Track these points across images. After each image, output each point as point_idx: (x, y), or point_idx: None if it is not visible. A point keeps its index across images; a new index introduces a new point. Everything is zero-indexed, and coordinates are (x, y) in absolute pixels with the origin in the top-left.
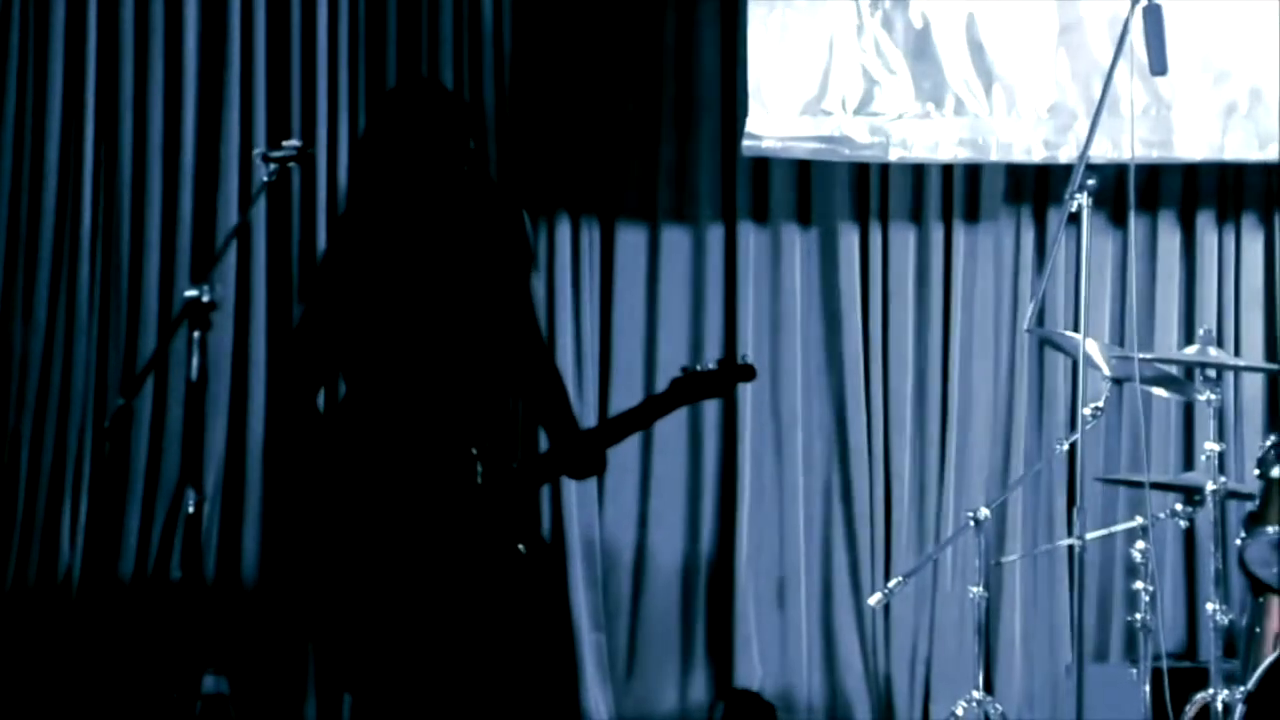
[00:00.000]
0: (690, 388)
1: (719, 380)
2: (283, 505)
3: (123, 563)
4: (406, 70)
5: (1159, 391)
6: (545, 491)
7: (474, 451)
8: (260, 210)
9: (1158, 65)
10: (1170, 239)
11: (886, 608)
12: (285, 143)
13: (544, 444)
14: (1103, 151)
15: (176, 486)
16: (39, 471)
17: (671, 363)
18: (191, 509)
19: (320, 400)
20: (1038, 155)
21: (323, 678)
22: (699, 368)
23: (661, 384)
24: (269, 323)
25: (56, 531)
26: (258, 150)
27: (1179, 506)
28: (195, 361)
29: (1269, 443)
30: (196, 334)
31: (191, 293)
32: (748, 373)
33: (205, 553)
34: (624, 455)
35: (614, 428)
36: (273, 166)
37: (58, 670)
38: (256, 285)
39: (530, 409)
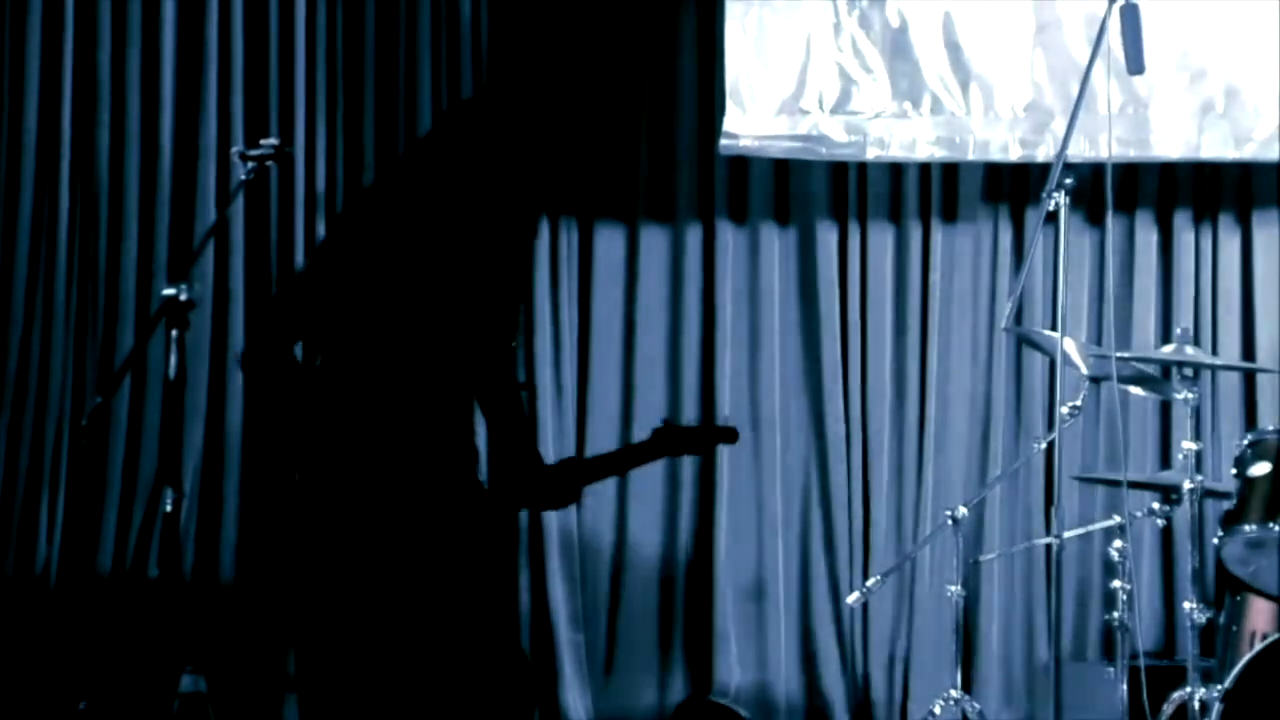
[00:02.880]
0: (669, 441)
1: (699, 438)
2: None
3: (100, 561)
4: (384, 69)
5: (1136, 390)
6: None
7: (421, 447)
8: (238, 208)
9: (1134, 64)
10: (1147, 238)
11: (865, 606)
12: (263, 141)
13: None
14: (1080, 150)
15: (154, 484)
16: (16, 469)
17: (650, 362)
18: (169, 507)
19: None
20: (1015, 154)
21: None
22: (677, 423)
23: (639, 384)
24: (247, 321)
25: (34, 529)
26: (235, 149)
27: (1156, 505)
28: (173, 360)
29: (1245, 441)
30: (174, 332)
31: (169, 291)
32: (730, 435)
33: (183, 550)
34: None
35: (590, 468)
36: (250, 165)
37: (35, 667)
38: (234, 283)
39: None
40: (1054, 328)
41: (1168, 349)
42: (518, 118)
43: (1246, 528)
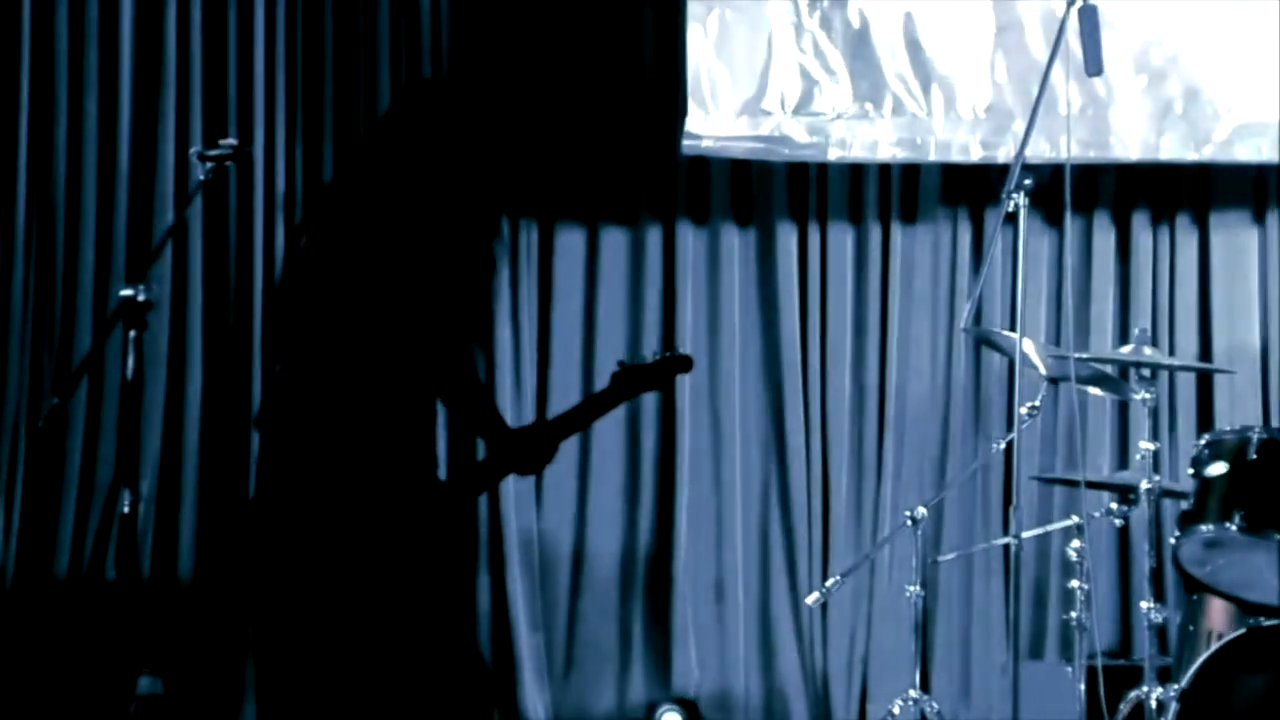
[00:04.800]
0: (629, 382)
1: (657, 373)
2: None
3: (57, 562)
4: (343, 69)
5: (1095, 391)
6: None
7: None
8: (197, 209)
9: (1093, 66)
10: (1106, 239)
11: (824, 607)
12: (222, 141)
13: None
14: (1039, 151)
15: (112, 486)
16: None
17: (610, 364)
18: (127, 508)
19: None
20: (975, 155)
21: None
22: (636, 361)
23: (599, 384)
24: (205, 322)
25: None
26: (194, 149)
27: (1114, 505)
28: (130, 361)
29: (1202, 442)
30: (132, 333)
31: (127, 292)
32: (685, 364)
33: (141, 552)
34: (562, 455)
35: (556, 426)
36: (209, 165)
37: None
38: (193, 285)
39: (455, 413)
40: (1013, 328)
41: (1126, 350)
42: (476, 107)
43: (1203, 528)
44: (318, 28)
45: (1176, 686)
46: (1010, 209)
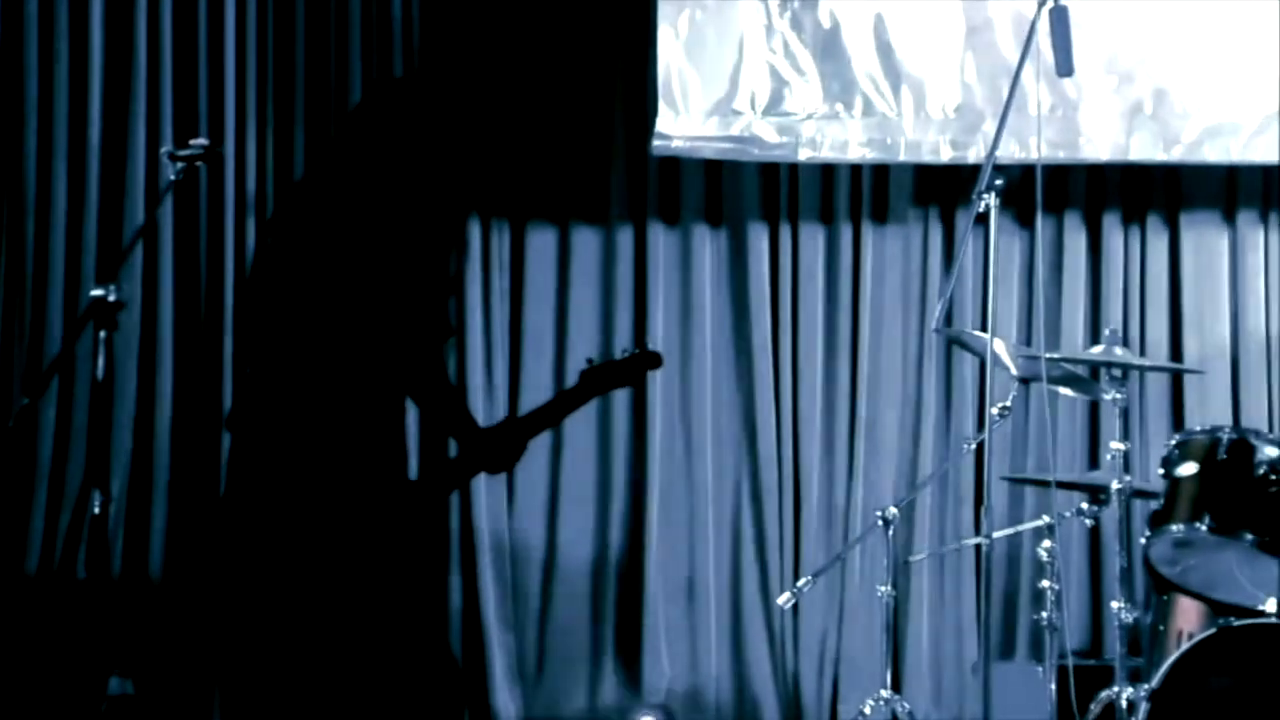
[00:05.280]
0: (599, 379)
1: (627, 369)
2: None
3: (28, 563)
4: (314, 69)
5: (1065, 391)
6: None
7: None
8: (167, 209)
9: (1064, 67)
10: (1076, 239)
11: (795, 607)
12: (193, 141)
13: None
14: (1009, 152)
15: (82, 486)
16: None
17: (581, 363)
18: (98, 509)
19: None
20: (945, 156)
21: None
22: (606, 359)
23: (571, 384)
24: (176, 322)
25: None
26: (165, 149)
27: (1084, 505)
28: (101, 361)
29: (1173, 442)
30: (103, 333)
31: (98, 292)
32: (654, 360)
33: (111, 553)
34: (534, 456)
35: (525, 423)
36: (180, 165)
37: None
38: (163, 284)
39: (425, 412)
40: (984, 329)
41: (1096, 350)
42: (447, 105)
43: (1174, 528)
44: (289, 27)
45: (1147, 686)
46: (981, 209)
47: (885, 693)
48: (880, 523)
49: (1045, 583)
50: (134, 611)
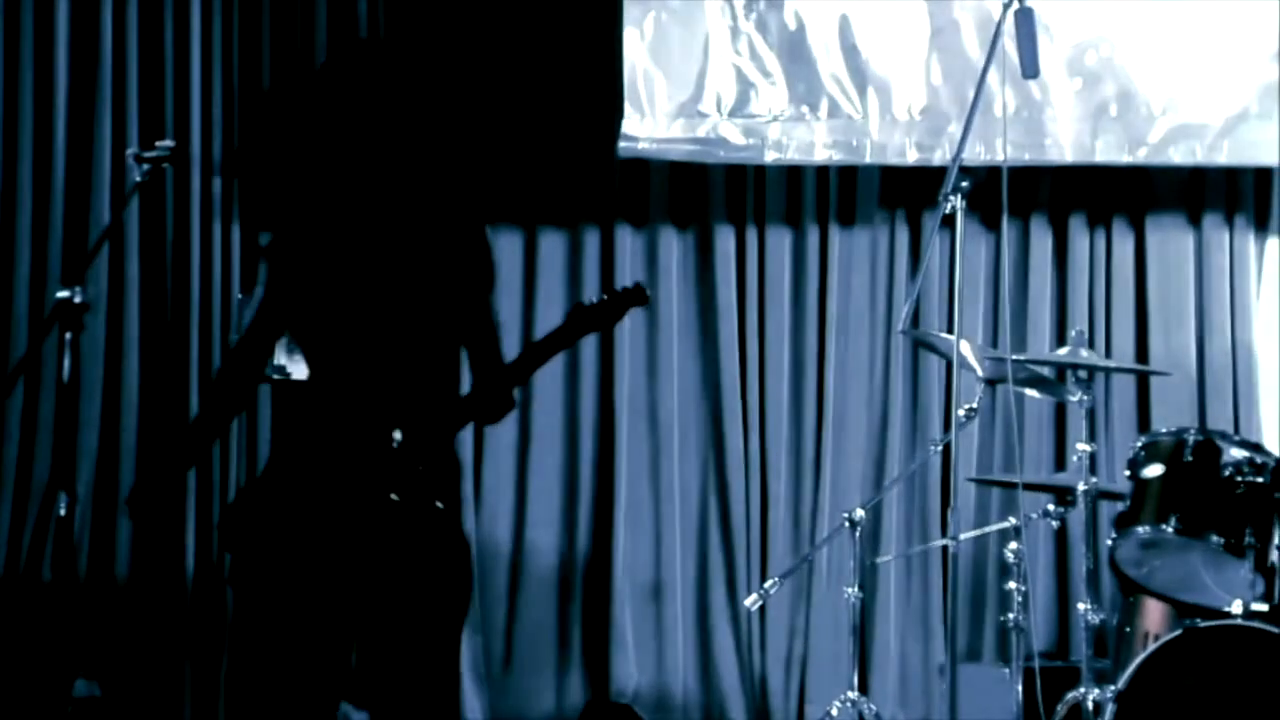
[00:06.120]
0: (585, 318)
1: (612, 308)
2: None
3: None
4: (281, 70)
5: (1031, 392)
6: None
7: (396, 435)
8: (133, 211)
9: (1029, 68)
10: (1042, 241)
11: (762, 608)
12: (159, 143)
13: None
14: (975, 154)
15: (48, 488)
16: None
17: (548, 372)
18: (63, 510)
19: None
20: (911, 158)
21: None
22: (590, 301)
23: (537, 386)
24: (142, 324)
25: None
26: (131, 150)
27: (1051, 507)
28: (67, 363)
29: (1139, 443)
30: (68, 335)
31: (63, 294)
32: (640, 297)
33: (77, 554)
34: (500, 455)
35: (518, 366)
36: (146, 167)
37: None
38: (129, 286)
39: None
40: (950, 330)
41: (1062, 351)
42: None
43: (1139, 529)
44: (255, 27)
45: (1113, 688)
46: (947, 211)
47: (852, 694)
48: (847, 524)
49: (1012, 584)
50: (100, 613)
